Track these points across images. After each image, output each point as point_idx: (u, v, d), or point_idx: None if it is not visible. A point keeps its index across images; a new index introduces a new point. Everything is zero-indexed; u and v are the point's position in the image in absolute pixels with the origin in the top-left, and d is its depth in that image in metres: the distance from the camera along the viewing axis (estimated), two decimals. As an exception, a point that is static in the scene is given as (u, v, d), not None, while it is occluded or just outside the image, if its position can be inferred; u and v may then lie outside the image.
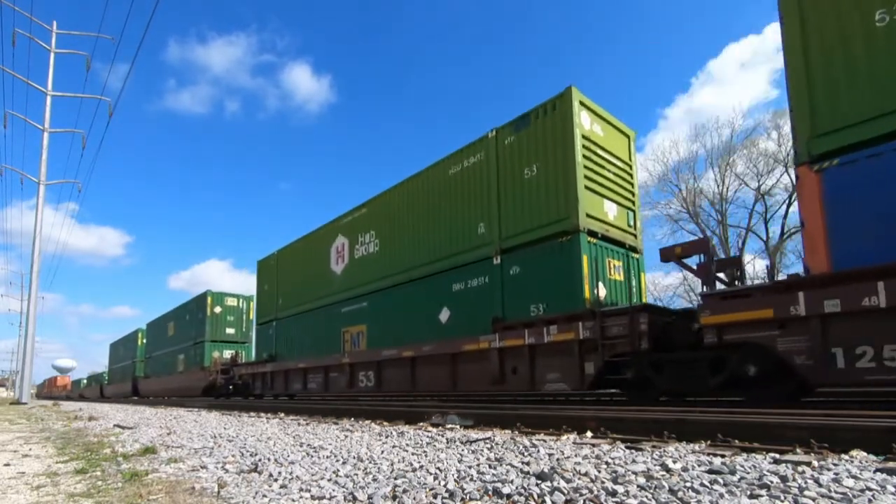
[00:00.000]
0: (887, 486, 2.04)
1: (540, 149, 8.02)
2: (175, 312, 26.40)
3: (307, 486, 2.68)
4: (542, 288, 7.68)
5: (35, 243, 23.24)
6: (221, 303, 22.92)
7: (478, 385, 8.46)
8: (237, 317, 23.29)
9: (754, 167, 27.98)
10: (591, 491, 2.19)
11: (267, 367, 14.87)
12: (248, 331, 23.29)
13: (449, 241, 9.42)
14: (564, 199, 7.52)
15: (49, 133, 23.94)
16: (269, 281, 16.09)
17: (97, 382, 44.89)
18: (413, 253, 10.19)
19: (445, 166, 9.78)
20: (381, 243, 11.22)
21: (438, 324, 9.32)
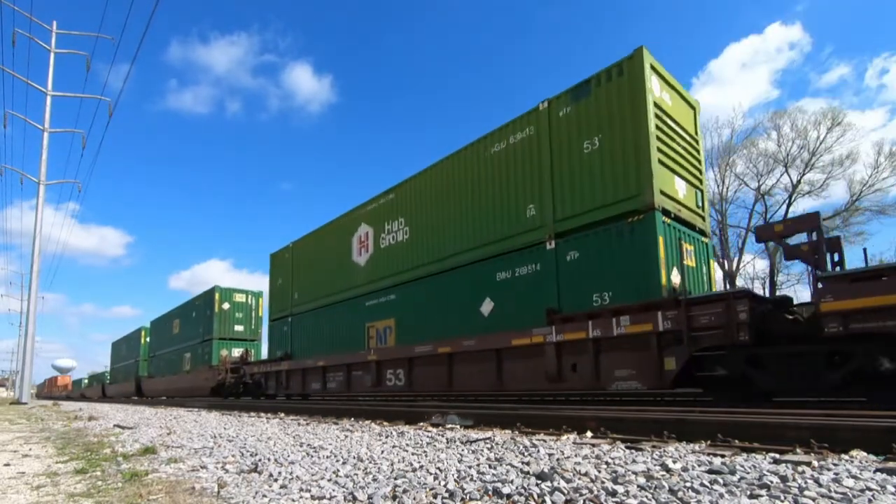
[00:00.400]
0: (887, 486, 2.04)
1: (603, 119, 7.14)
2: (181, 309, 25.41)
3: (307, 486, 2.68)
4: (608, 275, 6.85)
5: (35, 243, 23.24)
6: (230, 299, 21.86)
7: (530, 383, 7.63)
8: (246, 313, 22.20)
9: (754, 167, 28.04)
10: (591, 491, 2.19)
11: (282, 366, 14.01)
12: (257, 328, 22.38)
13: (492, 226, 8.59)
14: (635, 174, 6.67)
15: (49, 133, 23.94)
16: (282, 275, 15.25)
17: (99, 382, 44.07)
18: (449, 240, 9.40)
19: (486, 144, 8.92)
20: (412, 231, 10.33)
21: (479, 317, 8.55)
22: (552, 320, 7.29)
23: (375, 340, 10.91)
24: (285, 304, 14.82)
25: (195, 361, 22.17)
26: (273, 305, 15.67)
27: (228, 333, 21.45)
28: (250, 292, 22.57)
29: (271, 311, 15.65)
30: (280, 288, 15.33)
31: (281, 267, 15.49)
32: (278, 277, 15.51)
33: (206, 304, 22.14)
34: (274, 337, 15.40)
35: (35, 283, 23.35)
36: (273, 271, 15.92)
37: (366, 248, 11.68)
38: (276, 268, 15.77)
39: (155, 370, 28.07)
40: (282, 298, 15.10)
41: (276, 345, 15.15)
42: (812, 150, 26.20)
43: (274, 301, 15.67)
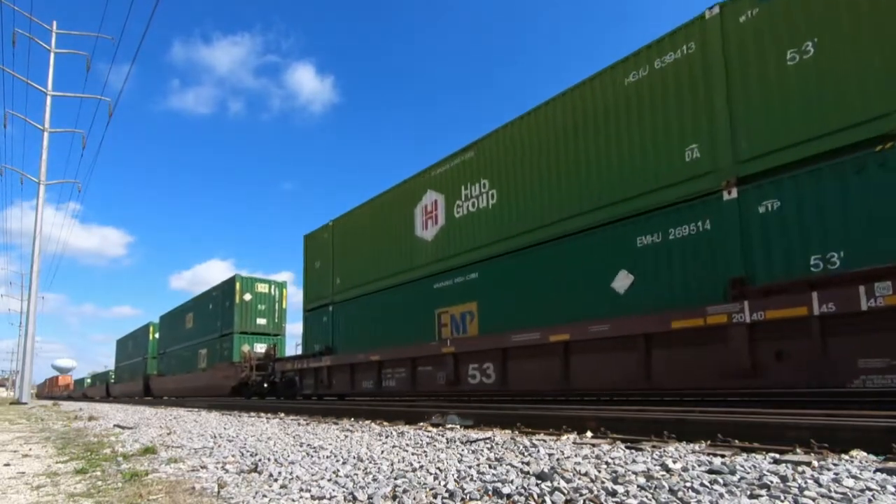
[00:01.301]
0: (887, 486, 2.04)
1: (822, 16, 5.36)
2: (195, 302, 23.43)
3: (307, 486, 2.68)
4: (834, 228, 5.08)
5: (35, 243, 23.26)
6: (251, 289, 19.66)
7: (698, 379, 5.84)
8: (269, 305, 20.07)
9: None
10: (591, 491, 2.19)
11: (323, 362, 12.06)
12: (280, 322, 20.33)
13: (628, 179, 6.76)
14: (886, 82, 4.87)
15: (49, 133, 23.95)
16: (320, 258, 13.35)
17: (103, 381, 42.53)
18: (557, 202, 7.59)
19: (614, 76, 7.09)
20: (501, 193, 8.51)
21: (611, 294, 6.76)
22: (742, 293, 5.49)
23: (450, 329, 9.07)
24: (324, 290, 12.94)
25: (212, 358, 20.32)
26: (309, 293, 13.73)
27: (250, 327, 19.39)
28: (273, 282, 20.50)
29: (307, 300, 13.73)
30: (317, 273, 13.41)
31: (318, 249, 13.58)
32: (315, 261, 13.59)
33: (225, 295, 20.14)
34: (310, 329, 13.46)
35: (35, 283, 23.37)
36: (308, 254, 14.04)
37: (433, 219, 9.79)
38: (313, 250, 13.84)
39: (165, 368, 26.31)
40: (320, 285, 13.24)
41: (312, 338, 13.29)
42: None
43: (310, 288, 13.72)
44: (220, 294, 20.77)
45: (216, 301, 20.93)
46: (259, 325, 19.70)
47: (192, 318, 23.49)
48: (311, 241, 14.13)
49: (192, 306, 23.75)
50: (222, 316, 20.00)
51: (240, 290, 19.50)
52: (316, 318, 13.28)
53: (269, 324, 20.04)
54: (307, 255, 14.12)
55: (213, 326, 20.79)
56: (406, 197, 10.72)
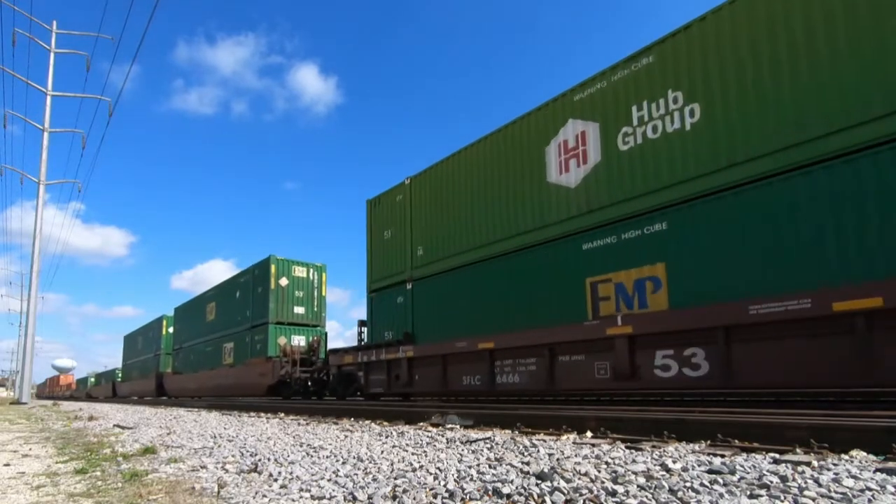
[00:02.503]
0: (887, 486, 2.04)
1: None
2: (218, 291, 20.82)
3: (307, 486, 2.68)
4: None
5: (35, 243, 23.26)
6: (288, 272, 16.95)
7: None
8: (307, 292, 17.37)
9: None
10: (591, 491, 2.19)
11: (402, 352, 9.77)
12: (320, 311, 17.72)
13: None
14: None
15: (49, 133, 23.95)
16: (392, 225, 11.09)
17: (108, 380, 40.09)
18: (838, 99, 5.15)
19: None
20: (708, 107, 6.18)
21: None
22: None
23: (616, 303, 6.75)
24: (398, 265, 10.71)
25: (241, 353, 17.93)
26: (374, 271, 11.50)
27: (287, 317, 16.81)
28: (312, 265, 17.76)
29: (371, 279, 11.55)
30: (387, 245, 11.13)
31: (388, 215, 11.28)
32: (383, 230, 11.34)
33: (257, 280, 17.50)
34: (377, 313, 11.20)
35: (35, 283, 23.38)
36: (373, 223, 11.76)
37: (579, 158, 7.49)
38: (380, 218, 11.55)
39: (182, 365, 23.85)
40: (391, 259, 10.98)
41: (380, 324, 11.06)
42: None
43: (376, 264, 11.45)
44: (249, 280, 17.99)
45: (245, 288, 18.26)
46: (297, 315, 16.98)
47: (214, 308, 20.82)
48: (377, 206, 11.61)
49: (215, 295, 21.09)
50: (253, 304, 17.46)
51: (275, 273, 16.65)
52: (386, 300, 10.95)
53: (308, 313, 17.25)
54: (371, 225, 11.77)
55: (241, 317, 18.20)
56: (529, 135, 8.26)
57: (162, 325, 27.77)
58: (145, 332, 31.50)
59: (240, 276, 18.95)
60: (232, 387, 17.99)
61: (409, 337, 10.03)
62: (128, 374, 34.40)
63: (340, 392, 12.72)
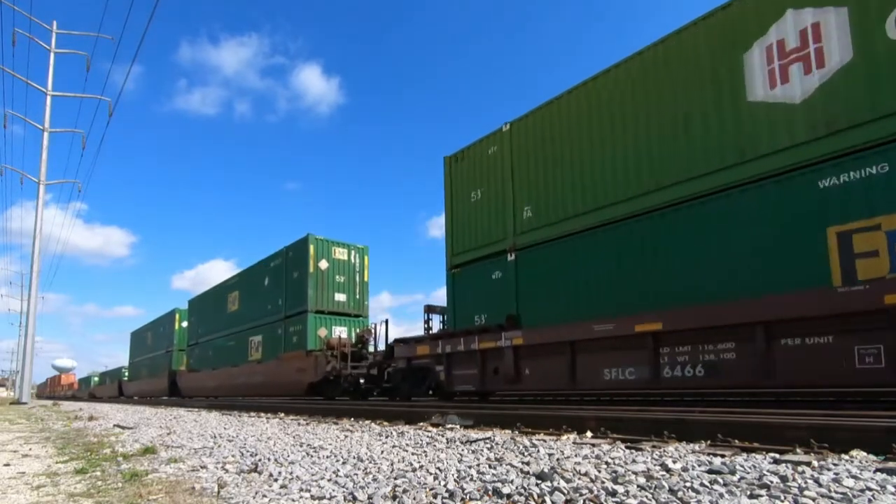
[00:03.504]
0: (887, 486, 2.04)
1: None
2: (244, 277, 18.51)
3: (307, 486, 2.68)
4: None
5: (35, 243, 23.27)
6: (328, 254, 14.84)
7: None
8: (349, 276, 15.30)
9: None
10: (591, 491, 2.19)
11: (505, 339, 7.78)
12: (362, 298, 15.54)
13: None
14: None
15: (49, 133, 23.96)
16: (484, 184, 9.11)
17: (114, 379, 37.97)
18: None
19: None
20: None
21: None
22: None
23: (886, 260, 4.73)
24: (495, 231, 8.73)
25: (271, 347, 15.91)
26: (458, 241, 9.50)
27: (327, 305, 14.64)
28: (353, 246, 15.59)
29: (452, 251, 9.57)
30: (477, 209, 9.20)
31: (477, 172, 9.31)
32: (470, 191, 9.38)
33: (292, 263, 15.45)
34: (463, 293, 9.21)
35: (35, 283, 23.39)
36: (455, 184, 9.76)
37: (809, 60, 5.49)
38: (465, 176, 9.56)
39: (199, 362, 21.57)
40: (482, 225, 9.04)
41: (467, 306, 9.06)
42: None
43: (460, 233, 9.49)
44: (281, 263, 15.88)
45: (276, 273, 16.14)
46: (337, 303, 14.87)
47: (237, 298, 18.65)
48: (459, 164, 9.65)
49: (238, 283, 18.85)
50: (287, 291, 15.41)
51: (314, 255, 14.50)
52: (475, 276, 9.01)
53: (350, 301, 15.12)
54: (451, 187, 9.79)
55: (272, 306, 16.11)
56: (707, 46, 6.34)
57: (174, 319, 25.54)
58: (155, 327, 29.12)
59: (269, 261, 16.55)
60: (261, 385, 15.88)
61: (514, 320, 7.98)
62: (136, 373, 32.44)
63: (407, 390, 10.20)
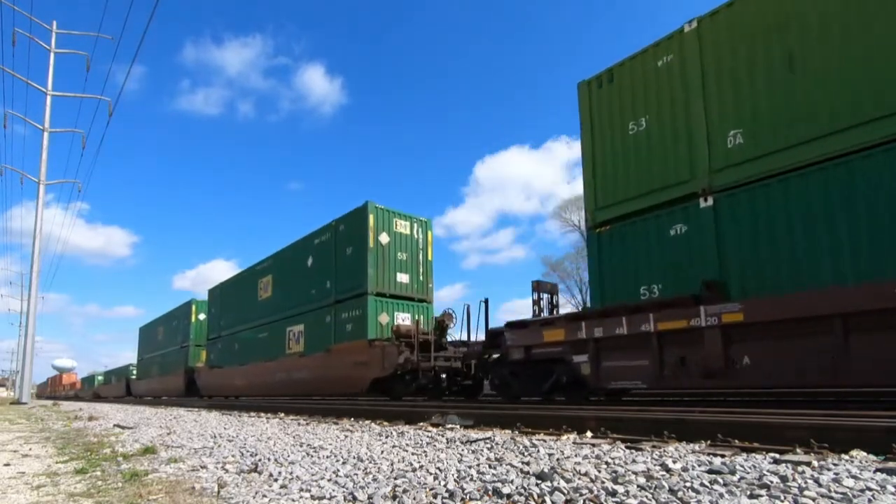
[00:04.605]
0: (887, 486, 2.04)
1: None
2: (279, 259, 16.17)
3: (307, 486, 2.68)
4: None
5: (35, 243, 23.27)
6: (388, 226, 12.48)
7: None
8: (411, 254, 12.91)
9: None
10: (591, 491, 2.19)
11: (709, 316, 5.74)
12: (426, 280, 13.11)
13: None
14: None
15: (49, 133, 23.96)
16: (648, 110, 6.99)
17: (121, 378, 35.98)
18: None
19: None
20: None
21: None
22: None
23: None
24: (675, 170, 6.60)
25: (317, 337, 13.52)
26: (607, 190, 7.36)
27: (389, 287, 12.25)
28: (415, 218, 13.16)
29: (595, 204, 7.44)
30: (638, 143, 7.06)
31: (637, 95, 7.14)
32: (628, 120, 7.20)
33: (344, 238, 12.97)
34: (615, 258, 7.11)
35: (35, 283, 23.39)
36: (599, 115, 7.60)
37: None
38: (615, 103, 7.42)
39: (222, 358, 19.39)
40: (648, 165, 6.90)
41: (623, 275, 6.96)
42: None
43: (610, 178, 7.34)
44: (331, 239, 13.48)
45: (324, 251, 13.76)
46: (400, 285, 12.54)
47: (270, 283, 16.40)
48: (606, 88, 7.56)
49: (271, 266, 16.51)
50: (338, 271, 13.08)
51: (374, 226, 12.11)
52: (636, 235, 6.91)
53: (413, 282, 12.83)
54: (593, 120, 7.65)
55: (317, 290, 13.83)
56: None
57: (190, 311, 23.34)
58: (168, 320, 26.64)
59: (312, 238, 14.33)
60: (306, 383, 13.61)
61: (718, 289, 5.95)
62: (145, 371, 30.21)
63: (519, 389, 8.08)
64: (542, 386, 7.65)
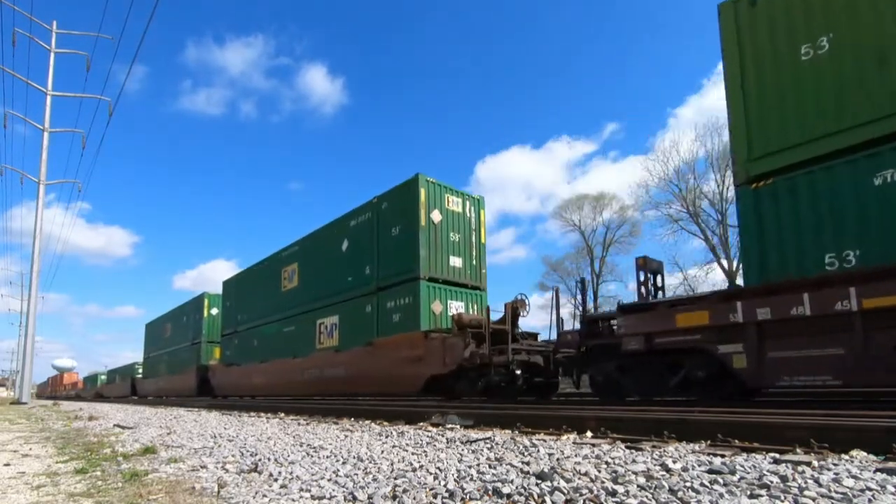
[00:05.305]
0: (887, 486, 2.04)
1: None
2: (306, 245, 14.76)
3: (307, 486, 2.68)
4: None
5: (35, 243, 23.26)
6: (440, 203, 11.06)
7: None
8: (464, 235, 11.44)
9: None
10: (591, 491, 2.19)
11: None
12: (479, 264, 11.66)
13: None
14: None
15: (49, 133, 23.96)
16: (832, 23, 5.53)
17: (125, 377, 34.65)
18: None
19: None
20: None
21: None
22: None
23: None
24: (874, 103, 5.23)
25: (356, 330, 12.04)
26: (765, 133, 6.02)
27: (441, 271, 10.85)
28: (467, 195, 11.76)
29: (751, 153, 6.11)
30: (818, 71, 5.66)
31: (814, 8, 5.74)
32: (799, 43, 5.84)
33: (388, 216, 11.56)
34: (783, 218, 5.74)
35: (35, 283, 23.38)
36: (751, 39, 6.23)
37: None
38: (778, 22, 6.02)
39: (239, 355, 17.93)
40: (837, 98, 5.50)
41: (799, 238, 5.62)
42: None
43: (768, 120, 6.01)
44: (371, 219, 12.04)
45: (362, 232, 12.33)
46: (453, 270, 11.08)
47: (296, 272, 14.98)
48: (763, 6, 6.14)
49: (297, 252, 15.08)
50: (382, 254, 11.60)
51: (425, 202, 10.77)
52: (815, 189, 5.54)
53: (466, 267, 11.34)
54: (743, 47, 6.27)
55: (354, 277, 12.39)
56: None
57: (202, 305, 21.91)
58: (177, 316, 25.16)
59: (349, 219, 12.85)
60: (344, 381, 12.00)
61: None
62: (152, 369, 28.58)
63: (632, 385, 6.99)
64: (666, 383, 6.53)
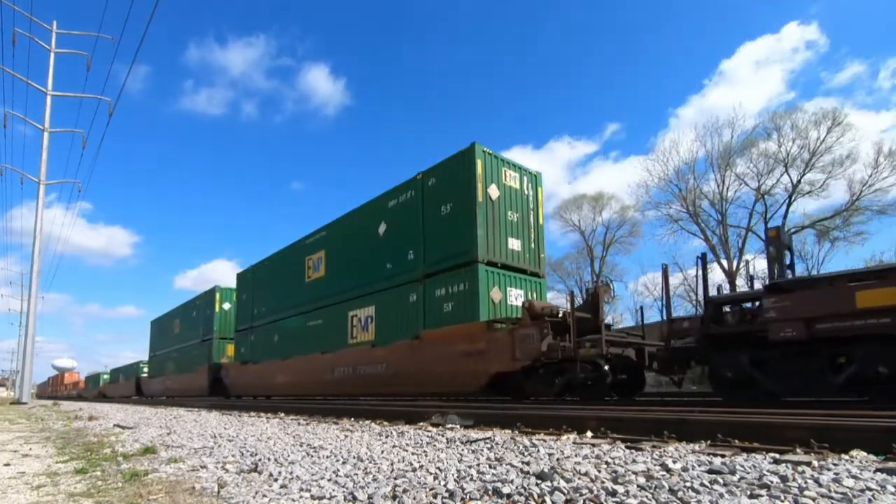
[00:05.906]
0: (887, 486, 2.04)
1: None
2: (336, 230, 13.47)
3: (307, 486, 2.68)
4: None
5: (35, 243, 23.26)
6: (497, 177, 9.79)
7: None
8: (522, 215, 10.18)
9: (754, 167, 28.08)
10: (591, 491, 2.19)
11: None
12: (538, 248, 10.34)
13: None
14: None
15: (49, 133, 23.96)
16: None
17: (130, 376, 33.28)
18: None
19: None
20: None
21: None
22: None
23: None
24: None
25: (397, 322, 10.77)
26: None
27: (500, 255, 9.63)
28: (524, 170, 10.43)
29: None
30: None
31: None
32: None
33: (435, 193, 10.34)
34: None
35: (35, 283, 23.39)
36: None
37: None
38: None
39: (255, 352, 16.64)
40: None
41: None
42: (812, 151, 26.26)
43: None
44: (414, 198, 10.86)
45: (404, 213, 11.09)
46: (512, 253, 9.82)
47: (322, 261, 13.72)
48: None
49: (324, 239, 13.84)
50: (427, 237, 10.36)
51: (482, 175, 9.48)
52: None
53: (525, 251, 10.06)
54: None
55: (394, 263, 11.13)
56: None
57: (214, 300, 20.68)
58: (185, 312, 23.80)
59: (386, 199, 11.57)
60: (384, 379, 10.60)
61: None
62: (159, 368, 27.18)
63: (775, 383, 6.02)
64: (828, 381, 5.39)
